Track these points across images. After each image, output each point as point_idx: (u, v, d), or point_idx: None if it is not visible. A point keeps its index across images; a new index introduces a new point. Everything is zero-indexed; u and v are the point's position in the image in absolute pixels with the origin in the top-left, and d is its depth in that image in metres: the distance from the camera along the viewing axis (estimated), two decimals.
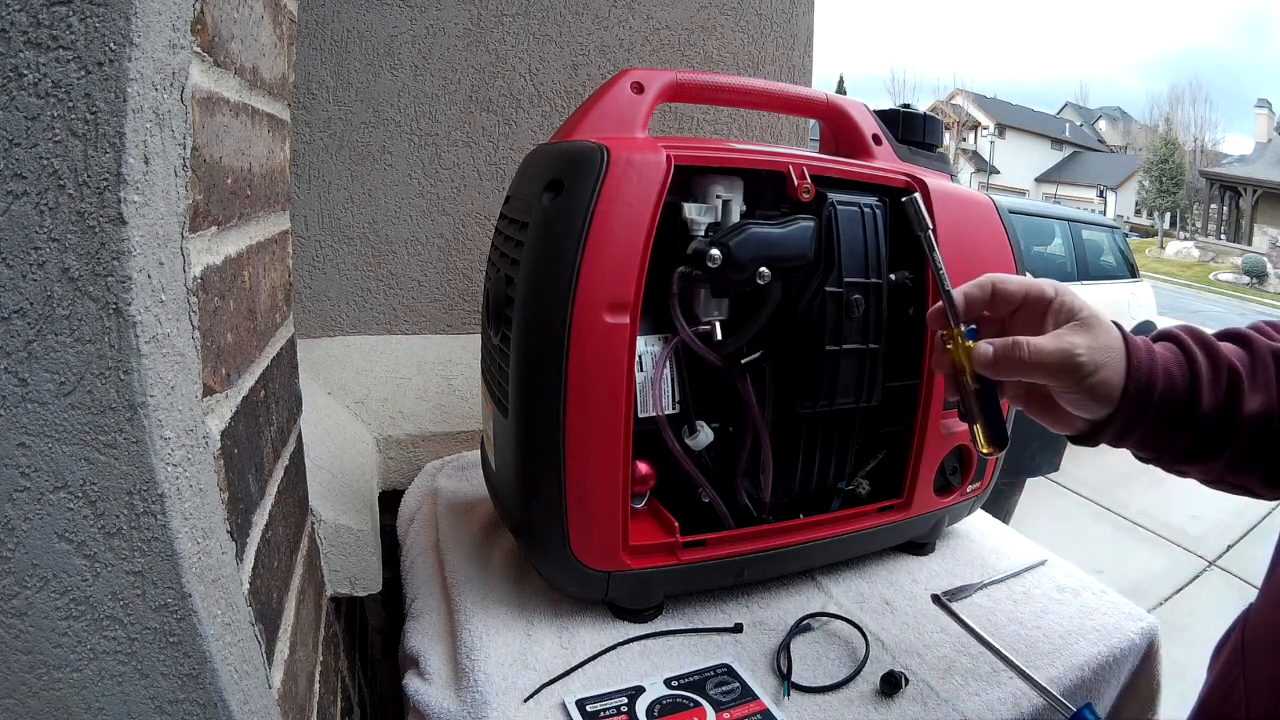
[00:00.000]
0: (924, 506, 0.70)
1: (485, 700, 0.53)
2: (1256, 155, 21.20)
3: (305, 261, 1.03)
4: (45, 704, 0.33)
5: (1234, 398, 0.47)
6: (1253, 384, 0.48)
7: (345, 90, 1.01)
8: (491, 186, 1.09)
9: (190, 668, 0.34)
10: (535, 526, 0.59)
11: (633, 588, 0.61)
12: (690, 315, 0.61)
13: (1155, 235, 21.96)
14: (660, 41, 1.12)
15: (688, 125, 1.16)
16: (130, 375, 0.30)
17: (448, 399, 1.01)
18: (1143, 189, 24.84)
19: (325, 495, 0.68)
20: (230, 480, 0.38)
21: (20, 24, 0.26)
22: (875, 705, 0.54)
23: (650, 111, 0.63)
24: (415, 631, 0.63)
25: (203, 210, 0.36)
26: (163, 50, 0.30)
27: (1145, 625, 0.64)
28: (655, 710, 0.52)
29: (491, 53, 1.05)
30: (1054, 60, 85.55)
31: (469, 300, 1.12)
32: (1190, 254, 19.30)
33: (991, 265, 0.69)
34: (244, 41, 0.43)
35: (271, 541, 0.47)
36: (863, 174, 0.65)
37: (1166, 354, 0.49)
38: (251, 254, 0.46)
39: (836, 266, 0.61)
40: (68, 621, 0.32)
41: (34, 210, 0.28)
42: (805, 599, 0.67)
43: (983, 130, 27.25)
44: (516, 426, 0.57)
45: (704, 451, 0.63)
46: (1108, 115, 32.48)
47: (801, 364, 0.63)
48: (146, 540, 0.32)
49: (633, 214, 0.54)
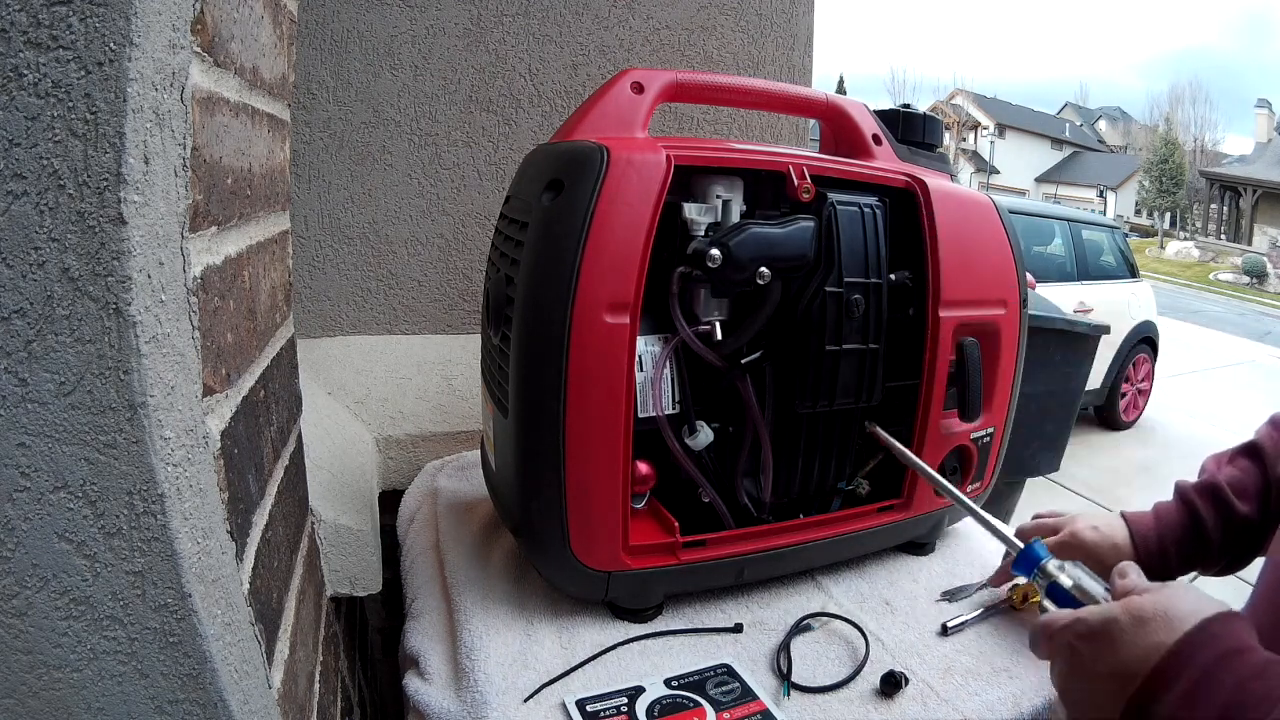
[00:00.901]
0: (924, 506, 0.70)
1: (485, 700, 0.53)
2: (1256, 155, 21.21)
3: (305, 261, 1.03)
4: (45, 704, 0.33)
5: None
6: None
7: (345, 90, 1.01)
8: (491, 186, 1.09)
9: (190, 668, 0.34)
10: (535, 526, 0.59)
11: (633, 588, 0.61)
12: (690, 315, 0.61)
13: (1155, 235, 21.97)
14: (660, 41, 1.12)
15: (688, 125, 1.16)
16: (130, 375, 0.30)
17: (448, 399, 1.01)
18: (1143, 189, 24.84)
19: (325, 495, 0.68)
20: (230, 480, 0.38)
21: (20, 24, 0.26)
22: (875, 705, 0.54)
23: (650, 111, 0.63)
24: (415, 631, 0.63)
25: (203, 210, 0.36)
26: (163, 50, 0.30)
27: None
28: (655, 710, 0.52)
29: (491, 53, 1.05)
30: (1054, 60, 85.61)
31: (469, 300, 1.12)
32: (1190, 254, 19.30)
33: (991, 266, 0.69)
34: (244, 41, 0.43)
35: (271, 541, 0.47)
36: (863, 174, 0.65)
37: (1170, 519, 0.64)
38: (251, 254, 0.46)
39: (836, 266, 0.61)
40: (68, 621, 0.32)
41: (34, 210, 0.28)
42: (805, 599, 0.67)
43: (983, 130, 27.25)
44: (516, 426, 0.57)
45: (704, 451, 0.63)
46: (1108, 115, 32.50)
47: (801, 364, 0.63)
48: (146, 540, 0.32)
49: (633, 214, 0.54)
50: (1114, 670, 0.39)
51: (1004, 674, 0.58)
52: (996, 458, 0.75)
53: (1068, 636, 0.43)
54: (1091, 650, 0.41)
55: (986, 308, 0.69)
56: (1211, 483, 0.64)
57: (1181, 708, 0.35)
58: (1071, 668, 0.43)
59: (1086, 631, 0.42)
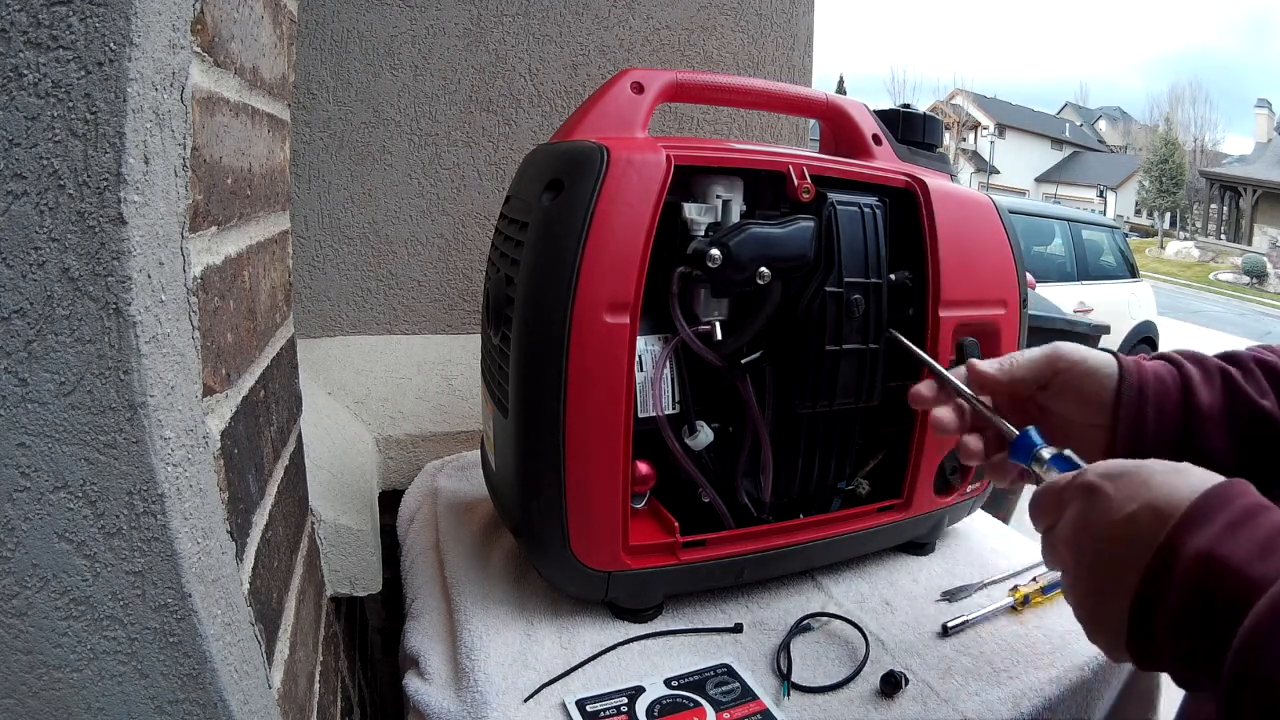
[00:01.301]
0: (924, 506, 0.70)
1: (485, 700, 0.53)
2: (1256, 155, 21.21)
3: (305, 261, 1.03)
4: (45, 704, 0.33)
5: (1231, 394, 0.48)
6: (1247, 381, 0.49)
7: (345, 90, 1.01)
8: (491, 186, 1.09)
9: (190, 668, 0.34)
10: (535, 526, 0.59)
11: (633, 588, 0.61)
12: (690, 315, 0.61)
13: (1155, 235, 21.97)
14: (660, 41, 1.12)
15: (688, 125, 1.16)
16: (130, 375, 0.30)
17: (448, 399, 1.01)
18: (1143, 189, 24.84)
19: (325, 495, 0.68)
20: (230, 480, 0.38)
21: (20, 24, 0.26)
22: (875, 705, 0.54)
23: (650, 111, 0.63)
24: (415, 631, 0.63)
25: (203, 210, 0.36)
26: (163, 50, 0.30)
27: None
28: (655, 710, 0.52)
29: (491, 53, 1.05)
30: (1054, 60, 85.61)
31: (469, 300, 1.12)
32: (1190, 254, 19.31)
33: (991, 266, 0.69)
34: (244, 41, 0.43)
35: (271, 541, 0.47)
36: (863, 174, 0.65)
37: (1154, 363, 0.52)
38: (251, 254, 0.46)
39: (836, 266, 0.61)
40: (68, 621, 0.32)
41: (34, 210, 0.28)
42: (805, 599, 0.67)
43: (983, 130, 27.25)
44: (516, 426, 0.57)
45: (704, 451, 0.63)
46: (1108, 115, 32.50)
47: (801, 364, 0.63)
48: (146, 540, 0.32)
49: (633, 214, 0.54)
50: (1149, 503, 0.36)
51: (1004, 674, 0.58)
52: None
53: (1089, 477, 0.39)
54: (1120, 486, 0.38)
55: (986, 308, 0.69)
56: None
57: (1222, 540, 0.33)
58: (1090, 511, 0.39)
59: (1118, 470, 0.39)
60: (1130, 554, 0.36)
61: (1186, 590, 0.33)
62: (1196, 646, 0.33)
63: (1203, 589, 0.33)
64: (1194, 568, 0.33)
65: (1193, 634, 0.33)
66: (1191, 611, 0.33)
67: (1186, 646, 0.34)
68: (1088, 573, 0.39)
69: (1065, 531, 0.40)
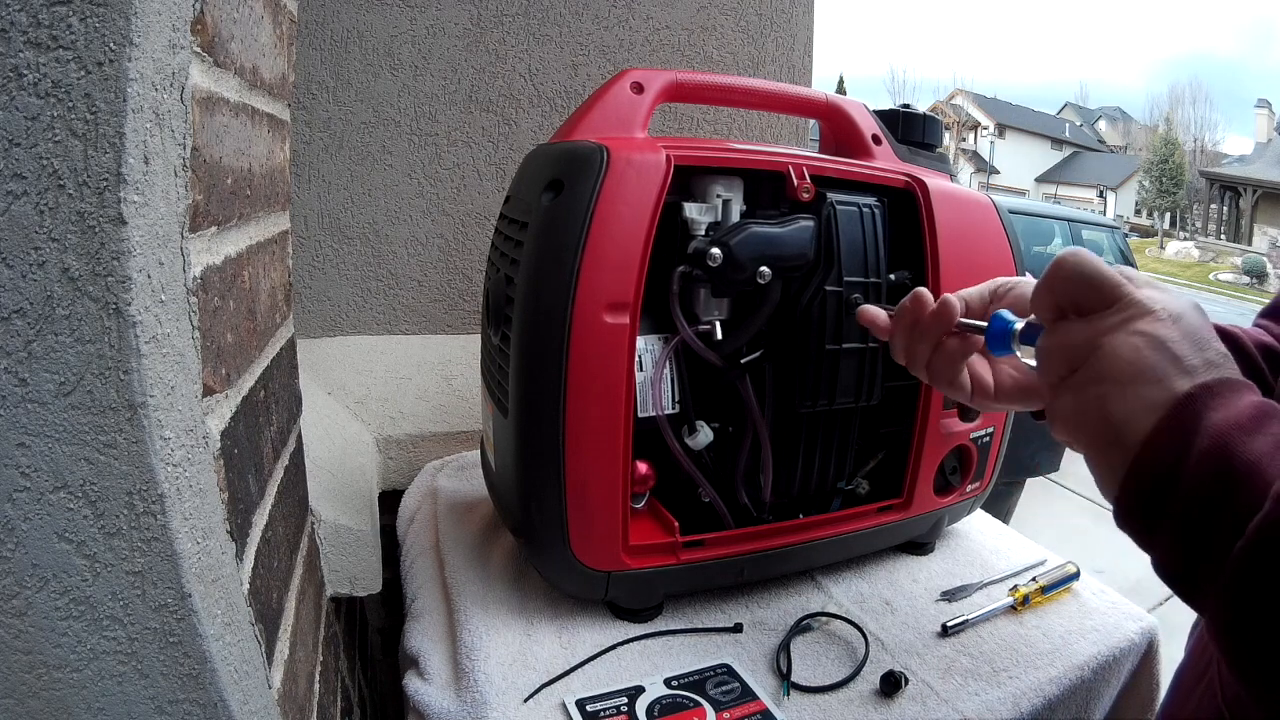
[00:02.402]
0: (924, 506, 0.70)
1: (485, 700, 0.53)
2: (1256, 155, 21.22)
3: (305, 261, 1.03)
4: (45, 704, 0.33)
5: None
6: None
7: (345, 90, 1.01)
8: (491, 186, 1.09)
9: (190, 668, 0.34)
10: (535, 526, 0.59)
11: (633, 588, 0.61)
12: (690, 315, 0.61)
13: (1155, 235, 21.98)
14: (660, 41, 1.12)
15: (688, 125, 1.16)
16: (130, 375, 0.30)
17: (448, 399, 1.01)
18: (1143, 189, 24.85)
19: (325, 495, 0.68)
20: (230, 480, 0.38)
21: (20, 24, 0.26)
22: (875, 705, 0.54)
23: (650, 111, 0.63)
24: (415, 631, 0.63)
25: (203, 210, 0.36)
26: (163, 50, 0.30)
27: (1145, 625, 0.64)
28: (655, 710, 0.52)
29: (491, 53, 1.05)
30: (1054, 60, 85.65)
31: (469, 300, 1.12)
32: (1190, 254, 19.32)
33: (991, 266, 0.69)
34: (244, 41, 0.43)
35: (271, 541, 0.47)
36: (862, 174, 0.65)
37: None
38: (251, 254, 0.46)
39: (836, 266, 0.62)
40: (68, 621, 0.32)
41: (34, 210, 0.28)
42: (805, 599, 0.67)
43: (983, 130, 27.27)
44: (516, 426, 0.57)
45: (704, 451, 0.63)
46: (1108, 115, 32.51)
47: (801, 363, 0.63)
48: (146, 540, 0.32)
49: (633, 214, 0.54)
50: (1189, 333, 0.34)
51: (1004, 674, 0.58)
52: (996, 457, 0.75)
53: (1116, 321, 0.35)
54: (1165, 324, 0.34)
55: None
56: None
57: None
58: (1117, 352, 0.34)
59: (1162, 308, 0.35)
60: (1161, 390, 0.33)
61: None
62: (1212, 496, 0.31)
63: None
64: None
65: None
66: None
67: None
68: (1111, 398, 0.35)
69: (1080, 377, 0.36)
